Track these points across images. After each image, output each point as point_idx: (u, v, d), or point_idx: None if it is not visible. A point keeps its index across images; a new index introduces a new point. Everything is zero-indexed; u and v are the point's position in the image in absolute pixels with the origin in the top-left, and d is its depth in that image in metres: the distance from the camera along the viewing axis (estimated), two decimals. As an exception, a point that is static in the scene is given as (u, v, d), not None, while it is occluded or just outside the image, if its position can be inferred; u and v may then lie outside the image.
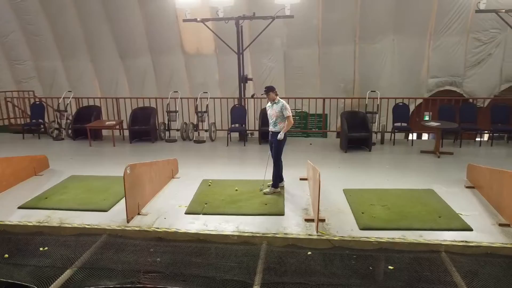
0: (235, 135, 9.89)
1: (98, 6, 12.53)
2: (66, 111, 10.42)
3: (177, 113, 10.03)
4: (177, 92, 10.49)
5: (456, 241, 4.74)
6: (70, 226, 5.37)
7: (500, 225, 5.11)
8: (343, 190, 6.36)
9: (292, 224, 5.27)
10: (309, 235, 5.00)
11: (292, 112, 13.77)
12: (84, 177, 7.18)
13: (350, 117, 8.94)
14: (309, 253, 4.75)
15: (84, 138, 9.83)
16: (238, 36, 9.54)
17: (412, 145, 9.03)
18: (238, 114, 9.70)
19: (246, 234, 5.05)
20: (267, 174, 6.36)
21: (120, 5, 12.34)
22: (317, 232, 5.01)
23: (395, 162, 8.05)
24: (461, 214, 5.44)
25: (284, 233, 5.05)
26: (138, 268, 4.51)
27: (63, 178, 7.18)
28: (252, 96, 10.31)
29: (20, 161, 7.15)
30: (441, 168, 7.55)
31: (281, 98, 6.32)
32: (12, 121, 11.62)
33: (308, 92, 11.96)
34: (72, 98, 10.90)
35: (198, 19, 9.21)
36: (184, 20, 9.49)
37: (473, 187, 6.40)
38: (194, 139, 9.85)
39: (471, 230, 5.03)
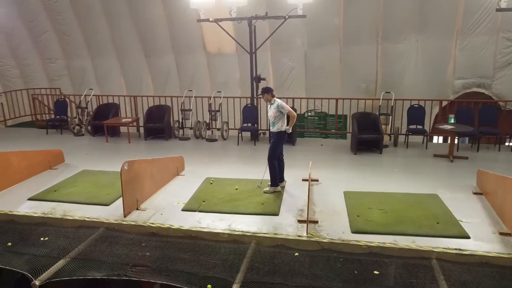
0: (247, 134, 9.94)
1: (124, 7, 12.92)
2: (86, 108, 10.83)
3: (191, 112, 10.20)
4: (191, 91, 10.66)
5: (449, 249, 4.58)
6: (71, 218, 5.61)
7: (501, 234, 4.90)
8: (344, 192, 6.28)
9: (284, 225, 5.27)
10: (299, 236, 4.98)
11: (311, 112, 13.64)
12: (94, 172, 7.45)
13: (361, 119, 8.78)
14: (296, 254, 4.73)
15: (102, 134, 10.19)
16: (251, 36, 9.58)
17: (426, 148, 8.76)
18: (249, 113, 9.75)
19: (236, 233, 5.10)
20: (267, 174, 6.37)
21: (145, 6, 12.67)
22: (307, 233, 4.99)
23: (404, 166, 7.85)
24: (461, 221, 5.26)
25: (274, 233, 5.06)
26: (127, 261, 4.66)
27: (75, 172, 7.49)
28: (265, 96, 10.29)
29: (36, 155, 7.52)
30: (452, 173, 7.30)
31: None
32: (38, 117, 12.19)
33: (329, 92, 11.81)
34: (92, 95, 11.30)
35: (211, 19, 9.31)
36: (198, 20, 9.64)
37: (481, 194, 6.15)
38: (207, 137, 9.99)
39: (468, 238, 4.85)
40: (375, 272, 4.33)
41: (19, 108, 12.80)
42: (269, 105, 6.23)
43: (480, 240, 4.79)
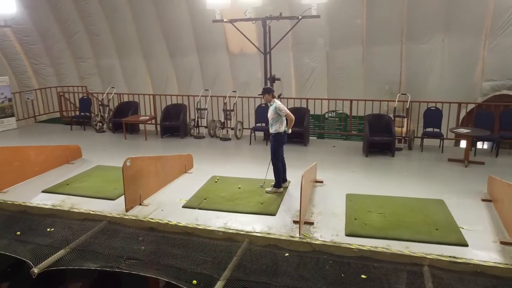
0: (260, 134, 9.99)
1: (150, 8, 13.28)
2: (108, 105, 11.24)
3: (206, 111, 10.37)
4: (207, 90, 10.83)
5: (443, 256, 4.47)
6: (77, 211, 5.87)
7: (502, 243, 4.71)
8: (346, 194, 6.21)
9: (278, 225, 5.29)
10: (291, 236, 5.00)
11: (331, 113, 13.51)
12: (107, 167, 7.74)
13: (374, 121, 8.62)
14: (286, 254, 4.76)
15: (122, 131, 10.54)
16: (265, 36, 9.61)
17: (442, 152, 8.49)
18: (263, 113, 9.76)
19: (230, 231, 5.18)
20: (269, 173, 6.41)
21: (170, 6, 12.96)
22: (299, 234, 4.99)
23: (415, 169, 7.66)
24: (462, 228, 5.10)
25: (267, 233, 5.10)
26: (122, 254, 4.84)
27: (90, 167, 7.82)
28: (279, 96, 10.30)
29: (54, 149, 7.90)
30: (464, 179, 7.05)
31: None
32: (65, 113, 12.76)
33: (351, 93, 11.68)
34: (114, 93, 11.70)
35: (225, 20, 9.43)
36: (214, 21, 9.77)
37: (490, 201, 5.92)
38: (220, 136, 10.13)
39: (466, 245, 4.70)
40: (363, 276, 4.29)
41: (48, 104, 13.47)
42: (269, 106, 6.26)
43: (479, 248, 4.63)
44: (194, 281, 4.23)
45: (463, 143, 10.49)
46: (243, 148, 9.48)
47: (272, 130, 6.21)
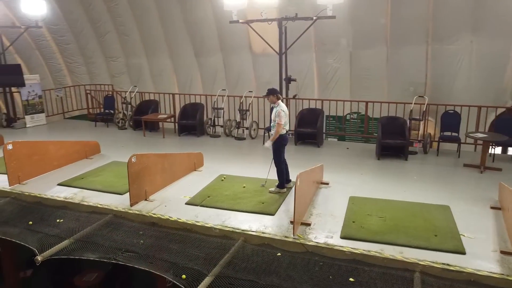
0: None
1: (176, 9, 13.61)
2: (130, 103, 11.62)
3: (222, 110, 10.52)
4: (224, 90, 10.98)
5: (436, 263, 4.37)
6: (86, 204, 6.15)
7: (502, 252, 4.55)
8: (350, 197, 6.17)
9: (275, 225, 5.34)
10: (285, 237, 5.03)
11: (353, 115, 13.32)
12: (122, 163, 7.93)
13: (388, 123, 8.48)
14: (279, 254, 4.80)
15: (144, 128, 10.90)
16: (281, 37, 9.66)
17: (459, 157, 8.22)
18: (277, 114, 9.80)
19: (227, 229, 5.27)
20: (271, 173, 6.45)
21: (195, 7, 13.22)
22: (294, 235, 5.02)
23: (427, 174, 7.45)
24: (463, 236, 4.96)
25: (262, 232, 5.16)
26: (121, 246, 5.04)
27: (106, 163, 8.14)
28: (294, 97, 10.32)
29: (73, 145, 8.29)
30: (476, 185, 6.81)
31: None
32: (91, 110, 13.30)
33: (375, 95, 11.51)
34: (136, 92, 12.09)
35: (240, 21, 9.54)
36: (231, 22, 9.92)
37: (499, 209, 5.71)
38: (235, 136, 10.25)
39: (463, 253, 4.57)
40: (351, 279, 4.27)
41: (76, 102, 14.10)
42: (273, 107, 6.29)
43: (476, 257, 4.50)
44: (183, 276, 4.35)
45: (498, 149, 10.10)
46: (256, 148, 9.55)
47: (272, 132, 6.24)
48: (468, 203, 5.95)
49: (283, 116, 6.07)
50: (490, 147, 7.99)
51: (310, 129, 9.20)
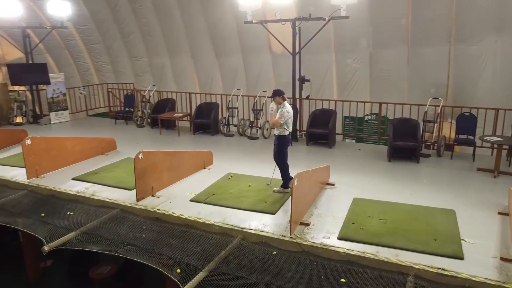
0: (287, 134, 10.03)
1: (197, 9, 13.85)
2: (149, 102, 11.92)
3: (237, 110, 10.64)
4: (239, 89, 11.09)
5: (431, 267, 4.31)
6: (96, 198, 6.40)
7: (502, 259, 4.44)
8: (353, 198, 6.14)
9: (274, 224, 5.39)
10: (283, 236, 5.08)
11: (372, 116, 13.14)
12: (134, 160, 8.26)
13: (400, 125, 8.35)
14: (274, 252, 4.85)
15: (161, 126, 11.15)
16: (294, 37, 9.66)
17: (473, 161, 8.00)
18: (290, 114, 9.81)
19: (226, 226, 5.37)
20: (276, 173, 6.50)
21: (216, 8, 13.43)
22: (291, 234, 5.06)
23: (437, 177, 7.30)
24: (464, 241, 4.86)
25: (260, 231, 5.22)
26: (123, 240, 5.23)
27: (121, 159, 8.40)
28: (307, 97, 10.30)
29: (89, 141, 8.60)
30: (487, 190, 6.61)
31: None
32: (112, 108, 13.72)
33: (395, 96, 11.34)
34: (155, 91, 12.39)
35: (254, 21, 9.62)
36: (245, 22, 10.01)
37: (507, 214, 5.55)
38: (248, 135, 10.34)
39: (461, 258, 4.49)
40: (342, 280, 4.28)
41: (100, 100, 14.58)
42: (277, 107, 6.33)
43: (474, 262, 4.40)
44: (178, 270, 4.48)
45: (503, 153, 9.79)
46: (267, 147, 9.56)
47: (276, 132, 6.29)
48: (476, 208, 5.81)
49: (285, 116, 6.11)
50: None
51: (322, 129, 9.17)
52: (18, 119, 12.29)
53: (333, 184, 6.79)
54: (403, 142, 8.00)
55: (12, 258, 7.09)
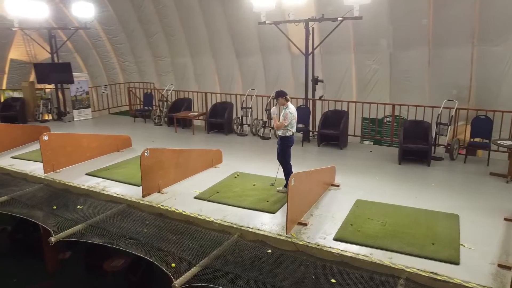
0: (299, 135, 10.04)
1: (218, 10, 14.06)
2: (166, 101, 12.20)
3: (250, 110, 10.73)
4: (253, 89, 11.18)
5: (423, 271, 4.27)
6: (105, 193, 6.65)
7: (500, 266, 4.34)
8: (356, 200, 6.12)
9: (272, 223, 5.45)
10: (279, 235, 5.13)
11: (390, 118, 12.95)
12: (147, 157, 8.50)
13: (411, 127, 8.21)
14: (269, 251, 4.92)
15: (177, 125, 11.39)
16: (307, 38, 9.66)
17: (488, 165, 7.77)
18: (302, 114, 9.80)
19: (225, 223, 5.47)
20: (282, 173, 6.55)
21: (237, 8, 13.53)
22: (287, 234, 5.11)
23: (446, 181, 7.13)
24: (463, 246, 4.77)
25: (258, 229, 5.30)
26: (126, 234, 5.42)
27: (134, 156, 8.65)
28: (320, 98, 10.27)
29: (105, 138, 8.92)
30: (496, 195, 6.41)
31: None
32: (133, 107, 14.11)
33: (416, 98, 11.14)
34: (172, 90, 12.67)
35: (268, 22, 9.69)
36: (260, 23, 10.09)
37: (513, 221, 5.40)
38: (261, 135, 10.41)
39: (457, 264, 4.42)
40: (332, 280, 4.30)
41: (121, 98, 15.04)
42: (280, 108, 6.37)
43: (470, 268, 4.33)
44: (173, 264, 4.61)
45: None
46: (278, 147, 9.64)
47: (279, 132, 6.33)
48: (481, 213, 5.68)
49: (288, 118, 6.14)
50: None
51: (333, 130, 9.13)
52: (46, 116, 12.86)
53: (338, 185, 6.78)
54: (413, 145, 7.87)
55: (34, 249, 7.43)
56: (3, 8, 11.95)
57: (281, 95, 6.32)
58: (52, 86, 13.27)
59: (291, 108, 6.28)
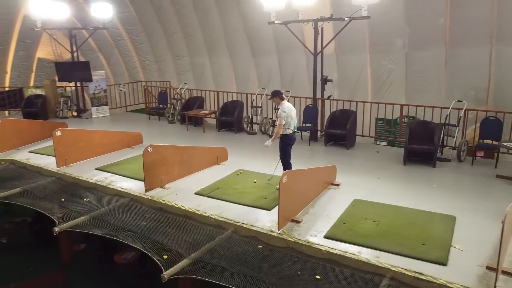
0: (306, 134, 10.08)
1: (235, 9, 14.24)
2: (180, 99, 12.46)
3: (260, 108, 10.83)
4: (264, 89, 11.27)
5: (409, 270, 4.29)
6: (111, 187, 6.91)
7: (488, 268, 4.30)
8: (353, 199, 6.14)
9: (266, 219, 5.55)
10: (271, 231, 5.23)
11: (404, 118, 12.87)
12: (156, 154, 8.74)
13: (417, 128, 8.12)
14: (260, 246, 5.04)
15: (190, 122, 11.63)
16: (316, 37, 9.69)
17: (496, 167, 7.60)
18: (310, 114, 9.87)
19: (221, 219, 5.62)
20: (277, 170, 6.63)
21: (253, 9, 13.68)
22: (278, 230, 5.20)
23: (449, 183, 7.03)
24: (454, 247, 4.75)
25: (251, 225, 5.41)
26: (125, 226, 5.64)
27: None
28: (328, 98, 10.25)
29: (116, 135, 9.22)
30: (499, 197, 6.26)
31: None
32: (148, 105, 14.45)
33: (432, 99, 11.01)
34: (186, 88, 12.93)
35: (276, 22, 9.76)
36: (269, 23, 10.18)
37: (511, 224, 5.30)
38: (270, 133, 10.49)
39: (444, 264, 4.41)
40: (317, 276, 4.38)
41: (139, 96, 15.44)
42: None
43: (457, 269, 4.31)
44: (165, 256, 4.78)
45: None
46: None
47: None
48: (480, 215, 5.61)
49: (283, 117, 6.21)
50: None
51: (340, 130, 9.13)
52: (66, 113, 13.37)
53: (338, 185, 6.81)
54: (418, 146, 7.79)
55: (51, 241, 7.74)
56: (28, 9, 12.52)
57: (274, 95, 6.42)
58: (72, 84, 13.77)
59: (285, 106, 6.35)
